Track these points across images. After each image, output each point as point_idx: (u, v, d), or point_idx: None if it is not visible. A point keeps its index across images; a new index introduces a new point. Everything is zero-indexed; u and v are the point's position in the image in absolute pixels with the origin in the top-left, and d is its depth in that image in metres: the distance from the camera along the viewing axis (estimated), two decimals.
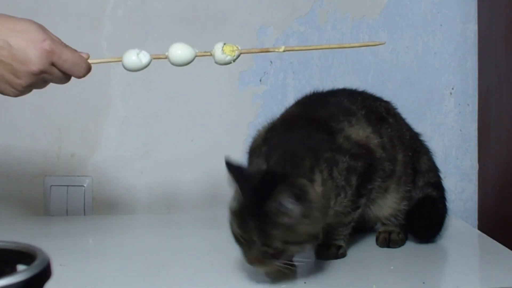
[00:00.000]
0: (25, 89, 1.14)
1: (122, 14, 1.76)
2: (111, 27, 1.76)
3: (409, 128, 1.49)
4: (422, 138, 1.52)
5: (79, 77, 1.17)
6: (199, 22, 1.76)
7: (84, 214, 1.76)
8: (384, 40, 1.74)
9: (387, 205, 1.41)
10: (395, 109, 1.48)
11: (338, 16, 1.78)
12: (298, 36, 1.77)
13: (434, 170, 1.50)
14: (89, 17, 1.76)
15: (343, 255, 1.32)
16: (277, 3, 1.77)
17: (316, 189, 1.17)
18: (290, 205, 1.10)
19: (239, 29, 1.76)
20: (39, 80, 1.14)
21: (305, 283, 1.20)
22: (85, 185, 1.76)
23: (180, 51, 1.19)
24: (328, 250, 1.31)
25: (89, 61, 1.18)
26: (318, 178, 1.20)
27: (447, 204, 1.47)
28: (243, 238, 1.15)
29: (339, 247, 1.32)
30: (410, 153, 1.44)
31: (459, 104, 1.80)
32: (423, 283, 1.18)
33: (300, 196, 1.11)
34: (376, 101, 1.46)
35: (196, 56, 1.20)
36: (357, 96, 1.44)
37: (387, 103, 1.48)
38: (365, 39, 1.78)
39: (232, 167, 1.18)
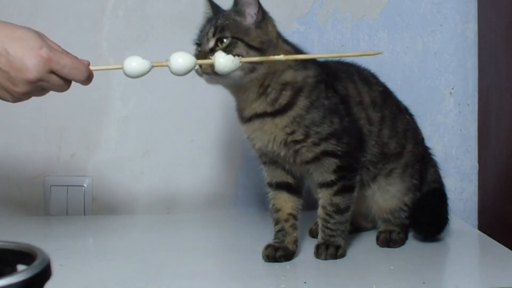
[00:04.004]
0: (23, 97, 1.14)
1: (122, 14, 1.76)
2: (111, 27, 1.76)
3: (421, 135, 1.54)
4: (431, 152, 1.56)
5: (81, 81, 1.16)
6: (199, 22, 1.76)
7: (84, 214, 1.76)
8: (382, 50, 1.75)
9: (392, 193, 1.43)
10: (412, 115, 1.53)
11: (338, 16, 1.78)
12: (298, 36, 1.76)
13: (439, 182, 1.53)
14: (89, 17, 1.76)
15: (343, 255, 1.32)
16: (277, 3, 1.77)
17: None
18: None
19: None
20: (37, 88, 1.13)
21: (305, 283, 1.20)
22: (85, 185, 1.76)
23: (181, 59, 1.18)
24: (327, 250, 1.31)
25: (90, 68, 1.17)
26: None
27: (448, 216, 1.48)
28: (198, 42, 1.30)
29: (338, 247, 1.32)
30: (421, 150, 1.49)
31: (459, 104, 1.80)
32: (423, 283, 1.18)
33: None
34: (397, 98, 1.51)
35: (196, 64, 1.20)
36: (381, 81, 1.49)
37: (406, 106, 1.53)
38: (365, 39, 1.79)
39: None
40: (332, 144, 1.30)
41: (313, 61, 1.35)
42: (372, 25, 1.79)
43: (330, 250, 1.31)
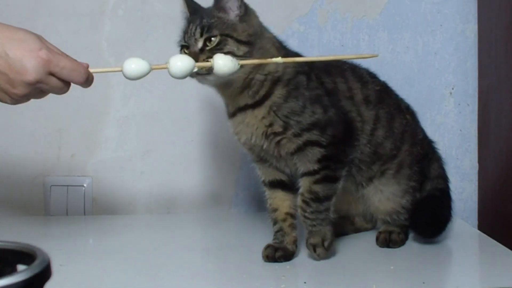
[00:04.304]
0: (22, 99, 1.14)
1: (122, 14, 1.76)
2: (111, 27, 1.76)
3: (423, 132, 1.53)
4: (435, 145, 1.56)
5: (80, 83, 1.16)
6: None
7: (84, 214, 1.76)
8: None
9: (387, 195, 1.42)
10: (414, 112, 1.52)
11: (338, 16, 1.78)
12: (298, 36, 1.77)
13: (443, 177, 1.52)
14: (89, 17, 1.76)
15: (330, 245, 1.30)
16: (277, 3, 1.77)
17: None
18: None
19: None
20: (36, 90, 1.13)
21: (305, 283, 1.20)
22: (85, 185, 1.76)
23: (180, 62, 1.18)
24: (315, 251, 1.30)
25: (90, 70, 1.17)
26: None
27: (452, 212, 1.47)
28: (185, 42, 1.28)
29: (323, 240, 1.30)
30: (421, 149, 1.47)
31: (459, 104, 1.80)
32: (423, 283, 1.18)
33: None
34: (399, 97, 1.51)
35: (196, 66, 1.20)
36: (380, 81, 1.48)
37: (408, 105, 1.52)
38: (365, 39, 1.79)
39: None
40: (315, 134, 1.28)
41: (296, 54, 1.35)
42: (372, 25, 1.79)
43: (319, 251, 1.29)
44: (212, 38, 1.25)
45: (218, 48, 1.23)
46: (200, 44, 1.25)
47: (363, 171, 1.39)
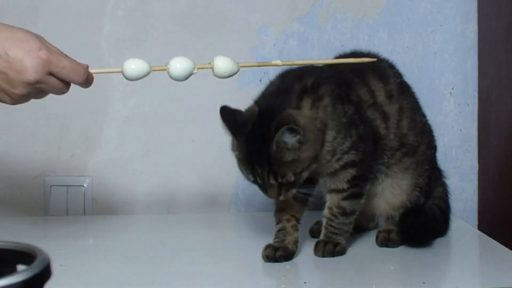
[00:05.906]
0: (21, 99, 1.14)
1: (122, 14, 1.76)
2: (111, 27, 1.76)
3: (435, 143, 1.53)
4: (443, 174, 1.56)
5: (80, 83, 1.16)
6: (199, 22, 1.76)
7: (84, 214, 1.76)
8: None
9: (403, 188, 1.43)
10: (430, 125, 1.53)
11: (338, 16, 1.78)
12: (298, 36, 1.77)
13: (445, 200, 1.52)
14: (89, 17, 1.76)
15: (341, 252, 1.32)
16: (277, 3, 1.77)
17: (304, 113, 1.26)
18: (288, 140, 1.21)
19: (239, 29, 1.76)
20: (35, 90, 1.13)
21: (305, 283, 1.20)
22: (85, 185, 1.76)
23: (179, 64, 1.18)
24: (325, 246, 1.31)
25: (90, 70, 1.17)
26: (306, 103, 1.27)
27: (444, 231, 1.48)
28: (258, 182, 1.27)
29: (337, 244, 1.32)
30: (433, 154, 1.49)
31: (459, 104, 1.80)
32: (423, 283, 1.18)
33: (293, 128, 1.20)
34: (417, 99, 1.51)
35: (196, 68, 1.20)
36: (400, 73, 1.49)
37: (424, 114, 1.52)
38: (365, 39, 1.79)
39: (225, 116, 1.27)
40: (352, 154, 1.32)
41: (326, 77, 1.33)
42: (372, 25, 1.79)
43: (328, 247, 1.31)
44: (288, 180, 1.25)
45: (294, 184, 1.26)
46: (276, 185, 1.25)
47: (390, 160, 1.41)
